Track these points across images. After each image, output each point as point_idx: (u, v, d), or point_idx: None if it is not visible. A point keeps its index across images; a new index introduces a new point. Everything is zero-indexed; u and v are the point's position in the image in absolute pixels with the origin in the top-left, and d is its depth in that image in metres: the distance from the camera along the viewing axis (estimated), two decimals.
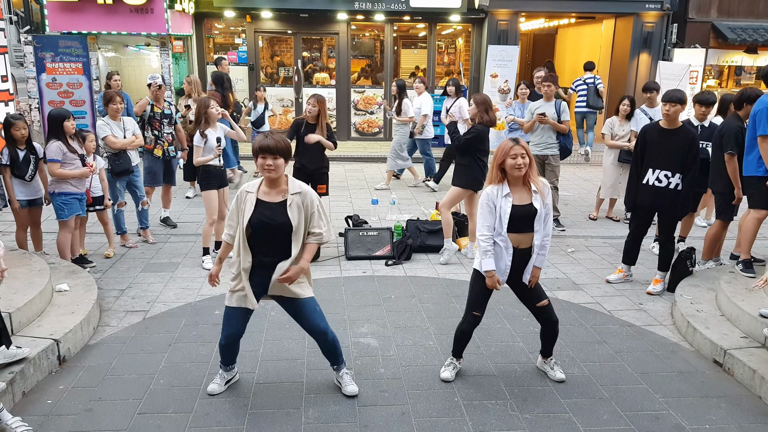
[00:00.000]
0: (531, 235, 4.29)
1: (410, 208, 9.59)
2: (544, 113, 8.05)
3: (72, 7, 11.97)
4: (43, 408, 4.17)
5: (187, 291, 6.21)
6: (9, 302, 4.80)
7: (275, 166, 3.94)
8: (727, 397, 4.46)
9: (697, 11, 14.55)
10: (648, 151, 6.11)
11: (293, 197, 4.02)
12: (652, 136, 6.10)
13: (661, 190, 6.03)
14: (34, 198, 6.54)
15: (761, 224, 6.29)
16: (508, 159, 4.18)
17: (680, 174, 5.96)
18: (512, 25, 14.48)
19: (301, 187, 4.09)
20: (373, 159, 13.78)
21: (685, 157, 5.90)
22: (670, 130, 6.00)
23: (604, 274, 6.81)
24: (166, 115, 8.26)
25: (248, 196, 4.03)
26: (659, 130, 6.07)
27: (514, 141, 4.21)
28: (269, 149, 3.91)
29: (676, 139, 5.95)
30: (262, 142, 3.94)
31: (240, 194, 4.06)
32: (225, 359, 4.38)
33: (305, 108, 7.22)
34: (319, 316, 4.21)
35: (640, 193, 6.18)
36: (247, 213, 3.98)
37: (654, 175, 6.05)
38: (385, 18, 14.58)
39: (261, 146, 3.93)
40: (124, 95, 8.71)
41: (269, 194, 4.05)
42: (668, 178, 5.99)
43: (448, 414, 4.18)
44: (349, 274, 6.81)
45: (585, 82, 13.39)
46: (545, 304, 4.44)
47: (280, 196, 4.03)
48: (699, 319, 5.37)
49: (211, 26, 15.30)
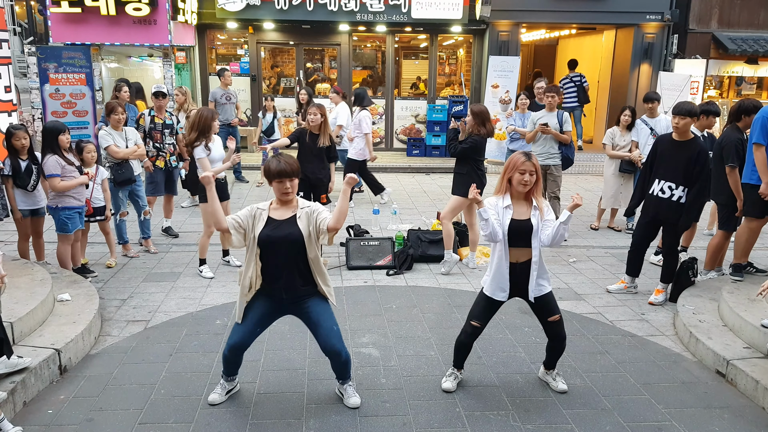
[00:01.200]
0: (528, 250, 4.29)
1: (411, 218, 9.59)
2: (547, 123, 8.06)
3: (75, 18, 12.02)
4: (44, 418, 4.16)
5: (188, 301, 6.21)
6: (11, 312, 4.80)
7: (292, 188, 4.04)
8: (730, 408, 4.44)
9: (697, 22, 14.59)
10: (657, 162, 6.15)
11: (302, 211, 4.08)
12: (664, 147, 6.13)
13: (664, 201, 6.05)
14: (36, 208, 6.54)
15: (757, 234, 6.33)
16: (516, 173, 4.18)
17: (684, 186, 5.97)
18: (513, 36, 14.52)
19: (310, 204, 4.16)
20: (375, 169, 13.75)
21: (691, 170, 5.91)
22: (679, 142, 6.02)
23: (606, 284, 6.80)
24: (168, 126, 8.29)
25: (261, 212, 4.10)
26: (670, 142, 6.09)
27: (527, 156, 4.20)
28: (286, 173, 3.98)
29: (684, 151, 5.96)
30: (279, 167, 3.98)
31: (251, 208, 4.14)
32: (227, 369, 4.38)
33: (307, 117, 7.25)
34: (335, 336, 4.19)
35: (645, 202, 6.21)
36: (258, 227, 4.03)
37: (659, 186, 6.09)
38: (386, 29, 14.63)
39: (278, 171, 3.98)
40: (127, 106, 8.73)
41: (278, 211, 4.11)
42: (672, 190, 6.01)
43: (450, 425, 4.17)
44: (350, 284, 6.81)
45: (572, 80, 14.56)
46: (556, 319, 4.41)
47: (289, 212, 4.10)
48: (701, 329, 5.36)
49: (213, 37, 15.36)
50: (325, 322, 4.17)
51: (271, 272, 4.08)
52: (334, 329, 4.19)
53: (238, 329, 4.22)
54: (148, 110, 8.41)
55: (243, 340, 4.22)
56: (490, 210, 4.23)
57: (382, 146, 15.56)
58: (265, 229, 4.03)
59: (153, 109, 8.35)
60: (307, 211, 4.08)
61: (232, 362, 4.33)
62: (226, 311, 5.94)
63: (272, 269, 4.07)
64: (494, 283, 4.35)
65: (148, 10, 11.89)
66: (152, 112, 8.32)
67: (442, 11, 13.87)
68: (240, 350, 4.26)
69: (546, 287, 4.39)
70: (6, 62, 7.22)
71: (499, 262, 4.31)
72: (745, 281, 6.21)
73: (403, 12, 13.81)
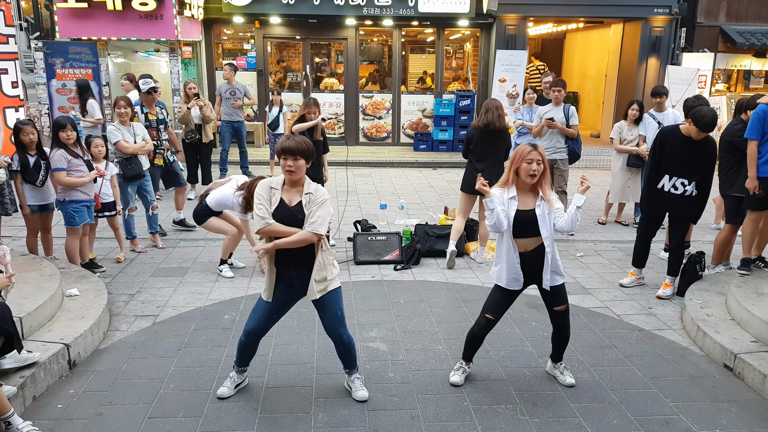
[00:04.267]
0: (535, 239, 4.29)
1: (419, 212, 9.59)
2: (553, 118, 8.04)
3: (82, 13, 12.04)
4: (53, 412, 4.19)
5: (196, 295, 6.23)
6: (20, 307, 4.83)
7: (296, 167, 4.01)
8: (738, 402, 4.44)
9: (705, 15, 14.51)
10: (666, 157, 6.07)
11: (306, 197, 4.08)
12: (673, 142, 6.04)
13: (677, 197, 6.07)
14: (45, 203, 6.57)
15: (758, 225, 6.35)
16: (523, 163, 4.18)
17: (697, 182, 6.02)
18: (521, 29, 14.47)
19: (314, 187, 4.14)
20: (382, 164, 13.80)
21: (704, 167, 5.96)
22: (692, 139, 5.95)
23: (614, 279, 6.80)
24: (161, 121, 8.30)
25: (274, 192, 4.09)
26: (681, 138, 6.00)
27: (533, 146, 4.20)
28: (290, 151, 3.98)
29: (701, 151, 5.94)
30: (283, 144, 4.01)
31: (265, 186, 4.12)
32: (241, 358, 4.39)
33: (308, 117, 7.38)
34: (338, 321, 4.24)
35: (655, 198, 6.19)
36: (272, 208, 4.05)
37: (671, 182, 6.07)
38: (393, 23, 14.60)
39: (282, 148, 4.00)
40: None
41: (289, 193, 4.11)
42: (684, 186, 6.03)
43: (458, 418, 4.18)
44: (358, 278, 6.82)
45: (537, 68, 15.39)
46: (562, 309, 4.42)
47: (298, 196, 4.09)
48: (709, 323, 5.35)
49: (220, 32, 15.35)
50: (330, 307, 4.21)
51: (282, 253, 4.09)
52: (338, 314, 4.24)
53: (255, 315, 4.24)
54: (140, 107, 8.37)
55: (260, 326, 4.25)
56: (496, 200, 4.23)
57: (389, 141, 15.55)
58: (277, 211, 4.04)
59: (144, 106, 8.33)
60: (310, 198, 4.08)
61: (248, 350, 4.35)
62: (234, 306, 5.96)
63: (283, 250, 4.08)
64: (508, 273, 4.34)
65: (155, 5, 11.91)
66: (144, 110, 8.30)
67: (449, 5, 13.83)
68: (257, 336, 4.29)
69: (559, 280, 4.40)
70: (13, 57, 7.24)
71: (508, 253, 4.31)
72: (752, 275, 6.20)
73: (410, 6, 13.79)
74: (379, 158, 14.04)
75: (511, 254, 4.30)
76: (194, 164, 10.28)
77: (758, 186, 6.04)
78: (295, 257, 4.09)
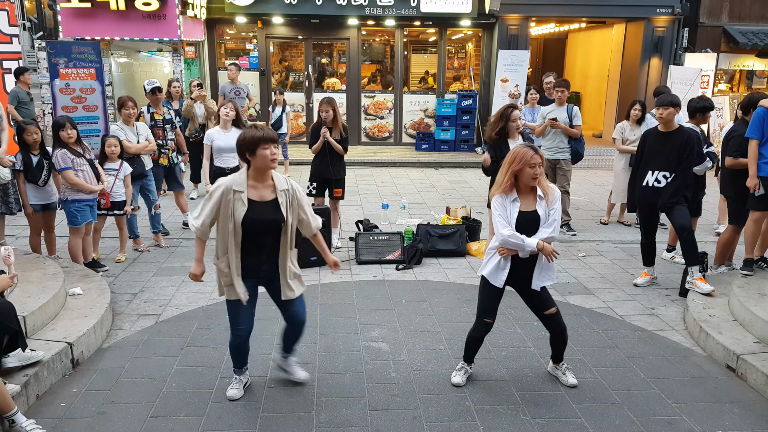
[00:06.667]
0: None
1: (420, 212, 9.59)
2: (556, 118, 8.04)
3: (85, 13, 12.07)
4: (56, 411, 4.20)
5: (199, 295, 6.24)
6: (23, 306, 4.84)
7: (277, 154, 4.03)
8: (740, 403, 4.43)
9: (708, 16, 14.51)
10: (647, 154, 6.31)
11: (282, 194, 4.05)
12: (651, 139, 6.32)
13: (660, 190, 6.20)
14: (48, 203, 6.58)
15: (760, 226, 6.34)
16: (527, 168, 4.11)
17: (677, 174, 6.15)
18: (523, 29, 14.47)
19: (288, 182, 4.13)
20: (384, 163, 13.81)
21: (683, 158, 6.09)
22: (666, 133, 6.20)
23: (616, 279, 6.80)
24: (168, 121, 8.29)
25: (238, 195, 3.95)
26: (657, 134, 6.28)
27: (533, 150, 4.13)
28: (273, 139, 3.96)
29: (672, 141, 6.13)
30: (266, 134, 3.94)
31: (225, 191, 3.95)
32: (237, 361, 4.40)
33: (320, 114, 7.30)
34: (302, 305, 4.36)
35: (641, 194, 6.35)
36: (239, 212, 3.93)
37: (653, 177, 6.24)
38: (395, 23, 14.61)
39: (266, 137, 3.92)
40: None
41: (257, 189, 4.01)
42: (666, 179, 6.17)
43: (460, 418, 4.18)
44: (359, 278, 6.82)
45: None
46: (553, 312, 4.39)
47: (268, 192, 4.04)
48: (711, 324, 5.34)
49: (222, 32, 15.38)
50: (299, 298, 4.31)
51: (251, 250, 4.07)
52: (301, 299, 4.33)
53: (237, 317, 4.20)
54: (146, 107, 8.35)
55: (247, 325, 4.25)
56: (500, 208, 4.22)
57: (391, 141, 15.57)
58: (249, 213, 3.94)
59: (150, 106, 8.33)
60: (287, 197, 4.06)
61: (242, 350, 4.36)
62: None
63: (253, 249, 4.06)
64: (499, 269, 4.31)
65: (158, 5, 11.94)
66: (151, 109, 8.29)
67: (452, 5, 13.85)
68: (248, 334, 4.28)
69: (548, 282, 4.39)
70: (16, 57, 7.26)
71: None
72: (755, 276, 6.19)
73: (412, 6, 13.80)
74: (381, 158, 14.05)
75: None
76: (198, 163, 10.28)
77: (759, 184, 6.05)
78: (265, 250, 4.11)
